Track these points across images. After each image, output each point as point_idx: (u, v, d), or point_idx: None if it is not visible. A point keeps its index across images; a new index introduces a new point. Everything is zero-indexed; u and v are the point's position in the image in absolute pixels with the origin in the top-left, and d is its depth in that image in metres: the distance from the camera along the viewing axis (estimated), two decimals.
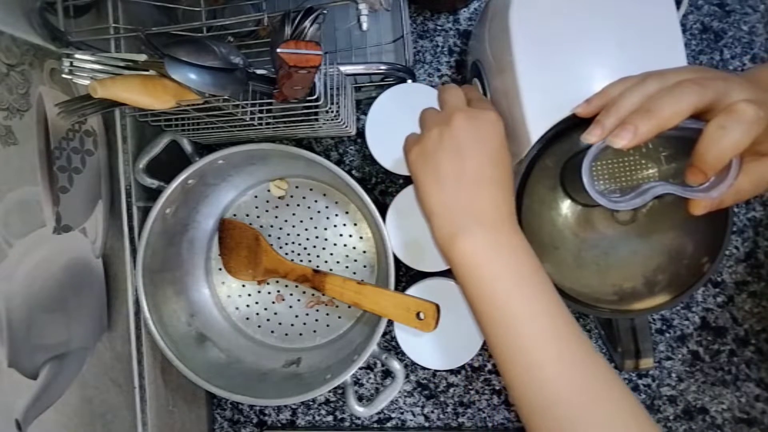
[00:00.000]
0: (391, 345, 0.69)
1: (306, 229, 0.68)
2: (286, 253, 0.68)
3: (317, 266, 0.67)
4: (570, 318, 0.40)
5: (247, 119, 0.50)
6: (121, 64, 0.42)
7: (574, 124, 0.42)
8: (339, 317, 0.67)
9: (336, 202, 0.67)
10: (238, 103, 0.47)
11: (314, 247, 0.68)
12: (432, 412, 0.70)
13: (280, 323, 0.69)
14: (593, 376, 0.38)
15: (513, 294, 0.40)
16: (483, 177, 0.43)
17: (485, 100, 0.50)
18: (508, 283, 0.40)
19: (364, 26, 0.48)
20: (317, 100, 0.46)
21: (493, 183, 0.43)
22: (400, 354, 0.61)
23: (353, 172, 0.69)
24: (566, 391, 0.38)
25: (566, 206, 0.48)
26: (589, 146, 0.38)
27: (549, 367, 0.38)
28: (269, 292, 0.69)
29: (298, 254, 0.68)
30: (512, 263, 0.41)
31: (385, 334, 0.67)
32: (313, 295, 0.68)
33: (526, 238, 0.43)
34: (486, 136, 0.43)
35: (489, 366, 0.69)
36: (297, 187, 0.68)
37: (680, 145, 0.40)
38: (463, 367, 0.69)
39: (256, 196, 0.69)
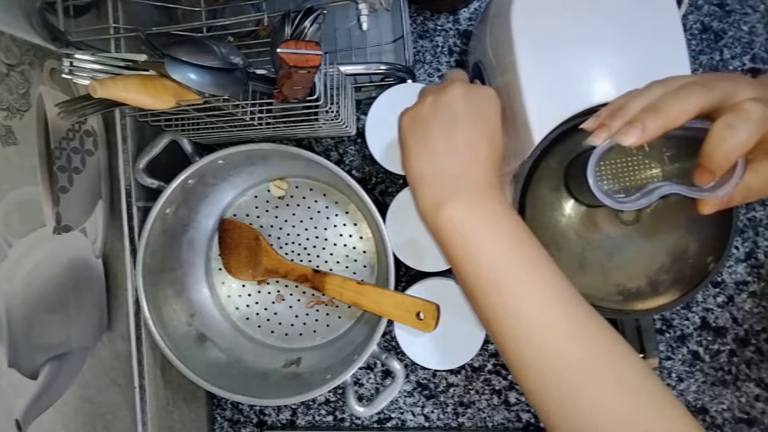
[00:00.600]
0: (391, 345, 0.69)
1: (306, 229, 0.68)
2: (286, 253, 0.68)
3: (317, 266, 0.67)
4: (565, 280, 0.39)
5: (247, 119, 0.50)
6: (121, 64, 0.42)
7: (577, 125, 0.42)
8: (339, 317, 0.67)
9: (336, 202, 0.67)
10: (238, 103, 0.47)
11: (314, 247, 0.68)
12: (432, 412, 0.70)
13: (280, 323, 0.69)
14: (595, 334, 0.37)
15: (505, 259, 0.39)
16: (474, 151, 0.42)
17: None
18: (501, 249, 0.39)
19: (364, 26, 0.48)
20: (317, 100, 0.46)
21: (484, 158, 0.42)
22: (400, 354, 0.61)
23: (353, 172, 0.69)
24: (569, 353, 0.36)
25: (570, 207, 0.48)
26: (593, 147, 0.38)
27: (547, 329, 0.37)
28: (269, 292, 0.69)
29: (298, 254, 0.68)
30: (503, 230, 0.40)
31: (385, 334, 0.67)
32: (313, 295, 0.68)
33: None
34: (482, 111, 0.43)
35: (489, 366, 0.69)
36: (297, 187, 0.68)
37: (684, 144, 0.40)
38: (463, 367, 0.69)
39: (256, 196, 0.69)
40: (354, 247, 0.67)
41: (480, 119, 0.43)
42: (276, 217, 0.68)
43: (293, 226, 0.68)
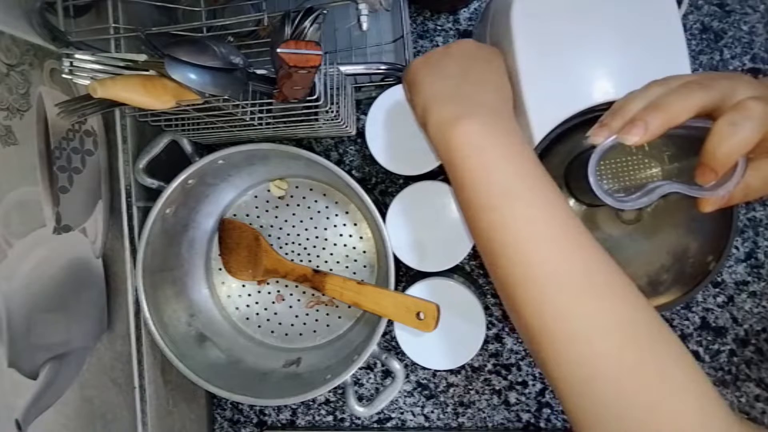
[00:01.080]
0: (391, 345, 0.69)
1: (306, 229, 0.68)
2: (286, 253, 0.68)
3: (317, 266, 0.67)
4: (572, 213, 0.38)
5: (247, 119, 0.50)
6: (121, 64, 0.42)
7: (577, 125, 0.42)
8: (339, 317, 0.67)
9: (336, 202, 0.67)
10: (238, 103, 0.47)
11: (314, 247, 0.67)
12: (432, 412, 0.70)
13: (280, 323, 0.69)
14: (599, 266, 0.36)
15: (518, 178, 0.38)
16: (488, 81, 0.43)
17: None
18: (515, 168, 0.39)
19: (364, 26, 0.48)
20: (317, 100, 0.46)
21: (498, 90, 0.43)
22: (400, 354, 0.61)
23: (353, 172, 0.69)
24: (573, 283, 0.35)
25: (570, 206, 0.48)
26: (593, 147, 0.38)
27: (554, 256, 0.36)
28: (269, 292, 0.69)
29: (298, 254, 0.68)
30: (515, 150, 0.40)
31: (385, 334, 0.67)
32: (313, 295, 0.68)
33: None
34: (490, 58, 0.45)
35: (489, 366, 0.69)
36: (297, 187, 0.68)
37: (683, 144, 0.41)
38: (463, 367, 0.69)
39: (256, 196, 0.69)
40: (354, 247, 0.67)
41: (490, 62, 0.45)
42: (276, 217, 0.68)
43: (293, 226, 0.68)
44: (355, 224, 0.67)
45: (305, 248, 0.68)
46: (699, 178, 0.37)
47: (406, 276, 0.65)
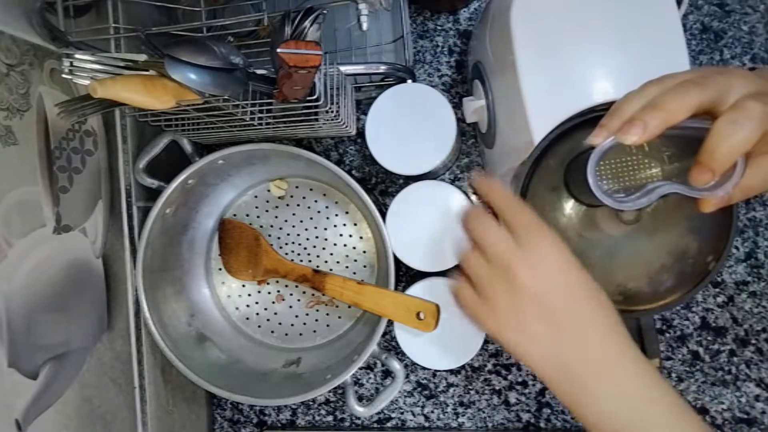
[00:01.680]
0: (391, 345, 0.69)
1: (306, 229, 0.68)
2: (286, 253, 0.68)
3: (317, 266, 0.67)
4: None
5: (247, 119, 0.50)
6: (121, 64, 0.42)
7: (577, 125, 0.42)
8: (339, 317, 0.67)
9: (336, 202, 0.67)
10: (238, 103, 0.47)
11: (314, 247, 0.68)
12: (432, 412, 0.70)
13: (280, 323, 0.69)
14: None
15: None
16: (582, 318, 0.39)
17: (524, 212, 0.40)
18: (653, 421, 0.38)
19: (364, 26, 0.48)
20: (317, 100, 0.46)
21: (595, 320, 0.39)
22: (400, 354, 0.61)
23: (353, 172, 0.69)
24: None
25: (570, 207, 0.48)
26: (593, 147, 0.38)
27: None
28: (269, 292, 0.69)
29: (298, 254, 0.68)
30: (642, 404, 0.38)
31: (385, 334, 0.67)
32: (313, 295, 0.68)
33: None
34: (559, 273, 0.39)
35: (489, 366, 0.69)
36: (297, 187, 0.68)
37: (682, 144, 0.40)
38: (463, 367, 0.69)
39: (256, 196, 0.69)
40: (354, 247, 0.67)
41: (565, 285, 0.39)
42: (276, 217, 0.68)
43: (293, 226, 0.68)
44: (355, 224, 0.67)
45: (305, 248, 0.68)
46: (695, 178, 0.36)
47: (406, 276, 0.65)
